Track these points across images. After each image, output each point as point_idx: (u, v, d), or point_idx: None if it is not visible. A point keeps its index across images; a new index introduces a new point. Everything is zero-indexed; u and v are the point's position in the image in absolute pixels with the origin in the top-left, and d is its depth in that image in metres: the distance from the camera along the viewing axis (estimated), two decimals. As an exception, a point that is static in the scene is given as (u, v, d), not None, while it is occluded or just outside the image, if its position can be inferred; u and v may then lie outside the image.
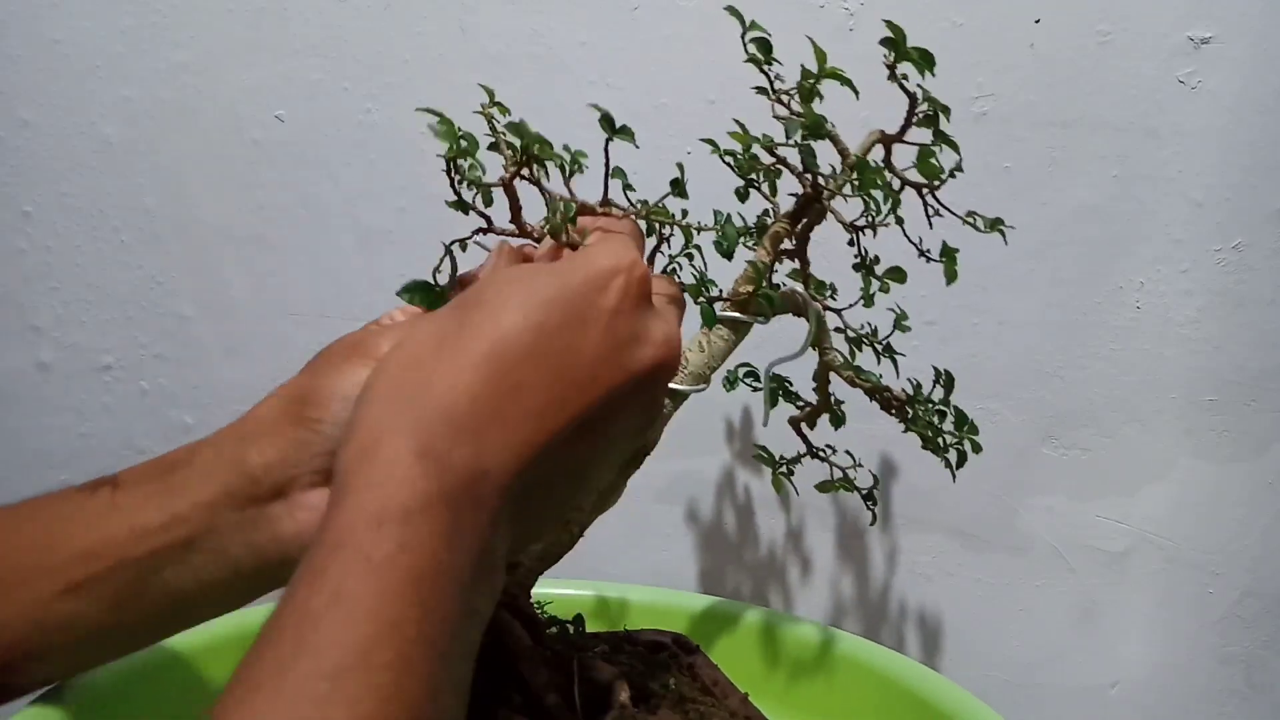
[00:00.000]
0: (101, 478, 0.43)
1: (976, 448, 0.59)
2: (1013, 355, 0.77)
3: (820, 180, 0.51)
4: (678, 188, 0.48)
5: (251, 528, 0.41)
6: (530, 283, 0.38)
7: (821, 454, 0.64)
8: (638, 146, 0.45)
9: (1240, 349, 0.77)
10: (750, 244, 0.54)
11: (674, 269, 0.51)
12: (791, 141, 0.49)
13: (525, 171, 0.45)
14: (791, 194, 0.52)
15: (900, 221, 0.52)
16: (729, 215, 0.49)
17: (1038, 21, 0.73)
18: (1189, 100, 0.74)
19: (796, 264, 0.55)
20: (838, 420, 0.62)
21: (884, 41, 0.47)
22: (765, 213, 0.55)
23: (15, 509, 0.43)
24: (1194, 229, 0.75)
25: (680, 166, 0.48)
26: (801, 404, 0.64)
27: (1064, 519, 0.79)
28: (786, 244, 0.53)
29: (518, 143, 0.44)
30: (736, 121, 0.51)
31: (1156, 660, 0.80)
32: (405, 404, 0.35)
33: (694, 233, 0.48)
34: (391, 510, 0.32)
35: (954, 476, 0.59)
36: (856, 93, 0.47)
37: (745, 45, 0.48)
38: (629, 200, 0.47)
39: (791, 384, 0.63)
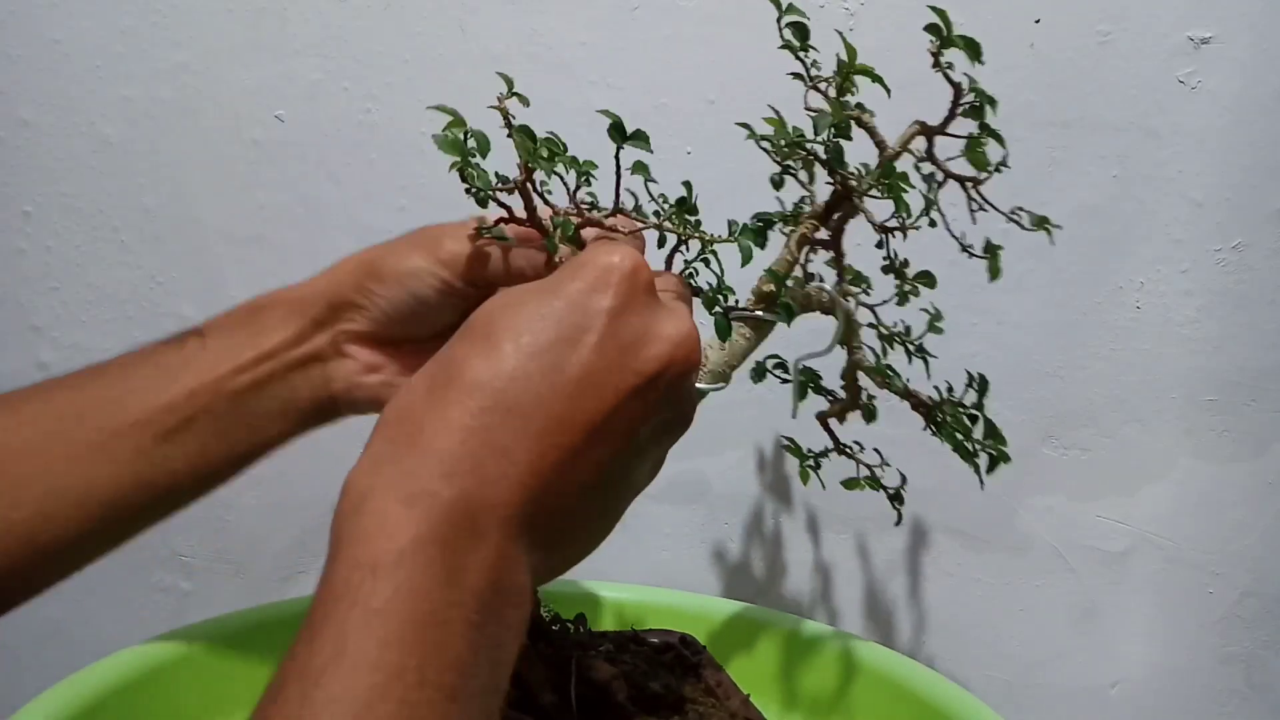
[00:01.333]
0: (185, 330, 0.50)
1: (1005, 457, 0.57)
2: (1013, 355, 0.77)
3: (850, 180, 0.49)
4: (685, 206, 0.46)
5: (310, 361, 0.49)
6: (519, 305, 0.37)
7: (849, 450, 0.63)
8: (652, 152, 0.44)
9: (1240, 349, 0.77)
10: (786, 230, 0.52)
11: (690, 273, 0.50)
12: (820, 138, 0.47)
13: (534, 178, 0.45)
14: (828, 182, 0.51)
15: (935, 224, 0.51)
16: (744, 225, 0.47)
17: (1038, 21, 0.73)
18: (1189, 100, 0.74)
19: (832, 255, 0.53)
20: (870, 414, 0.60)
21: (929, 28, 0.45)
22: (802, 200, 0.54)
23: (103, 368, 0.49)
24: (1194, 229, 0.75)
25: (688, 185, 0.47)
26: (832, 398, 0.62)
27: (1064, 519, 0.79)
28: (822, 234, 0.51)
29: (530, 146, 0.44)
30: (772, 108, 0.49)
31: (1156, 660, 0.80)
32: (392, 457, 0.34)
33: (708, 243, 0.47)
34: (384, 557, 0.32)
35: (982, 484, 0.58)
36: (888, 90, 0.46)
37: (781, 31, 0.47)
38: (652, 198, 0.46)
39: (822, 378, 0.62)
